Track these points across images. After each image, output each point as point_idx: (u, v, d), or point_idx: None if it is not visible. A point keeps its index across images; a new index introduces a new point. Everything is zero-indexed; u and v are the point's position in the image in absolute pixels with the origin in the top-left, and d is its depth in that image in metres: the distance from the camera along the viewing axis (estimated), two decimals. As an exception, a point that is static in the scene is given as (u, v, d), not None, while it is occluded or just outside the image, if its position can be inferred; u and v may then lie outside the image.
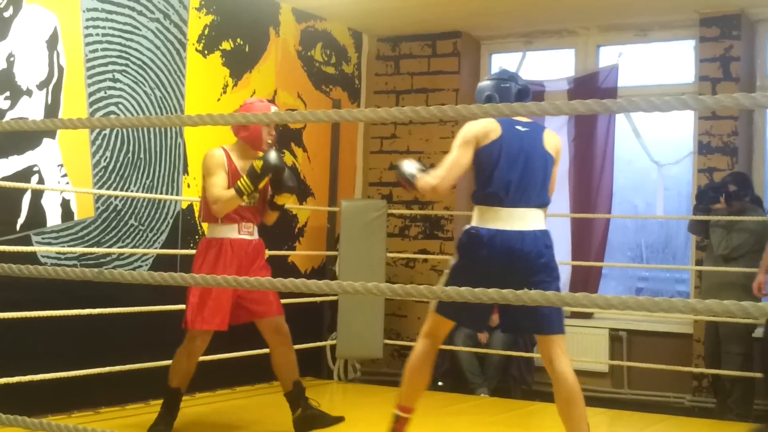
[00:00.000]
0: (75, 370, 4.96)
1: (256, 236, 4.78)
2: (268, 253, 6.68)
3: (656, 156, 7.01)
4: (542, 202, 3.96)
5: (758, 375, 5.73)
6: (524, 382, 6.70)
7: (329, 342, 6.88)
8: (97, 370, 5.07)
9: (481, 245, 3.85)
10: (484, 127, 3.94)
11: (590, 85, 7.12)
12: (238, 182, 4.54)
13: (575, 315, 7.09)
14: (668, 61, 7.10)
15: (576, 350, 6.86)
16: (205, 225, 4.92)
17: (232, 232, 4.67)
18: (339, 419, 4.92)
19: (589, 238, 7.11)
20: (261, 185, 4.57)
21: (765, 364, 5.28)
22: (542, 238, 3.90)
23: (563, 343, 3.95)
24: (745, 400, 5.91)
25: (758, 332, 6.16)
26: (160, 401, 5.53)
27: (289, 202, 4.81)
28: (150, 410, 5.38)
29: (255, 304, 4.70)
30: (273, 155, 4.55)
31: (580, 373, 6.87)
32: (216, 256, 4.62)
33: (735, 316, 1.76)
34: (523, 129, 3.98)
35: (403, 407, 4.00)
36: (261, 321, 4.74)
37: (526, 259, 3.84)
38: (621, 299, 1.92)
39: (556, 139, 4.09)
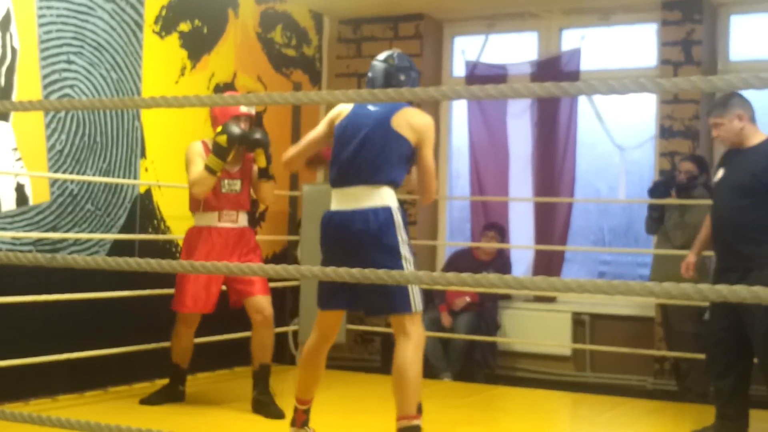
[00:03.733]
0: (32, 357, 4.88)
1: (241, 224, 5.03)
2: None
3: (618, 140, 7.02)
4: (380, 180, 3.91)
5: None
6: (487, 366, 6.71)
7: (291, 327, 6.85)
8: (54, 357, 5.00)
9: (324, 227, 3.99)
10: (339, 109, 4.08)
11: (553, 69, 7.11)
12: (206, 160, 4.81)
13: (538, 299, 7.10)
14: (631, 44, 7.10)
15: (539, 334, 6.88)
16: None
17: (213, 220, 4.96)
18: (279, 415, 4.83)
19: (551, 223, 7.11)
20: (229, 158, 4.82)
21: (707, 347, 5.31)
22: (378, 216, 3.86)
23: (409, 322, 3.87)
24: (702, 381, 5.95)
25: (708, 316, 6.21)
26: (119, 388, 5.49)
27: (262, 157, 4.99)
28: (108, 397, 5.32)
29: (239, 284, 4.93)
30: (233, 127, 4.81)
31: (542, 357, 6.98)
32: (196, 242, 4.94)
33: (692, 299, 1.74)
34: (372, 109, 3.98)
35: (301, 400, 4.22)
36: (246, 300, 4.96)
37: (357, 239, 3.84)
38: (579, 282, 1.90)
39: (414, 117, 3.98)
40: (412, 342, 3.84)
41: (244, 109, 4.97)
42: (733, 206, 4.65)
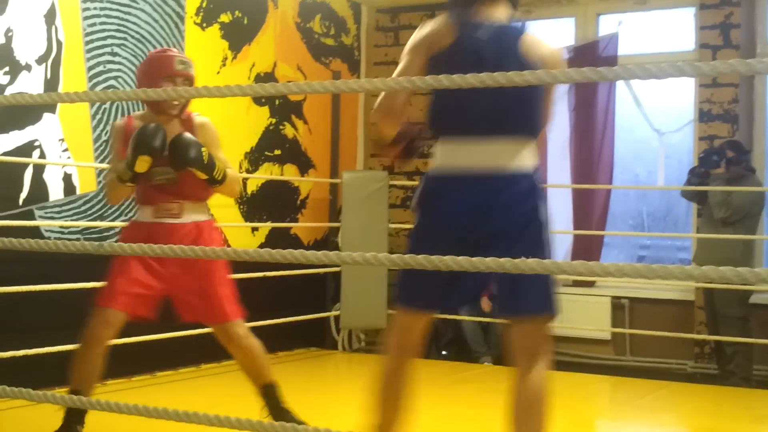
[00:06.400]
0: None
1: (188, 219, 3.80)
2: (270, 225, 6.73)
3: (657, 124, 7.01)
4: (523, 131, 2.86)
5: (760, 341, 5.79)
6: (527, 351, 6.73)
7: (333, 313, 6.92)
8: (101, 343, 5.09)
9: (439, 193, 2.85)
10: (435, 30, 2.91)
11: (590, 54, 7.10)
12: (118, 168, 3.65)
13: (577, 283, 7.12)
14: (668, 29, 7.08)
15: (578, 318, 6.90)
16: None
17: (146, 215, 3.81)
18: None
19: (590, 207, 7.12)
20: (139, 168, 3.55)
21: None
22: (523, 183, 2.84)
23: (548, 331, 2.91)
24: (746, 365, 5.96)
25: (755, 298, 6.21)
26: (166, 372, 5.59)
27: (199, 173, 3.67)
28: (156, 381, 5.43)
29: (196, 305, 3.83)
30: (149, 129, 3.54)
31: (582, 341, 7.01)
32: (125, 239, 3.79)
33: (732, 282, 1.77)
34: (487, 34, 2.86)
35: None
36: (211, 326, 3.94)
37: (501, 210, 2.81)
38: (618, 267, 1.93)
39: (543, 44, 2.94)
40: (546, 364, 2.87)
41: (179, 66, 3.71)
42: None
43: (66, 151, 5.26)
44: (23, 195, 5.04)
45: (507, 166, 2.79)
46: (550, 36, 7.40)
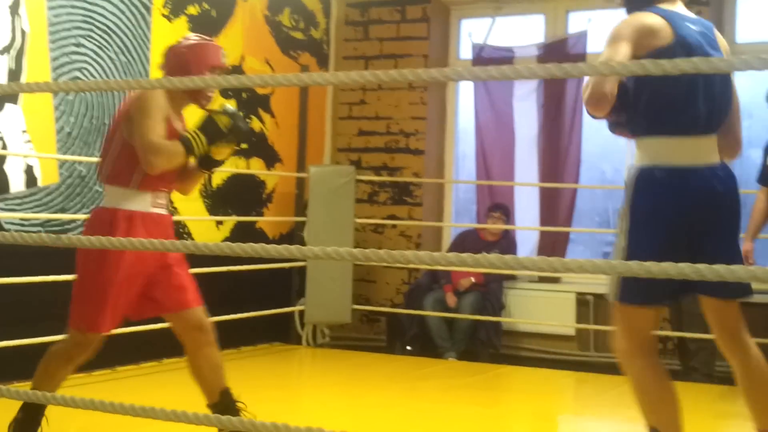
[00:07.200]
0: (52, 336, 4.93)
1: (167, 210, 3.71)
2: (235, 218, 6.71)
3: (624, 122, 7.04)
4: (721, 126, 3.07)
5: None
6: (492, 346, 6.76)
7: (298, 307, 6.90)
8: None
9: (658, 189, 2.97)
10: (649, 26, 2.98)
11: (559, 51, 7.12)
12: (190, 137, 3.47)
13: (543, 279, 7.14)
14: (636, 26, 7.11)
15: (543, 314, 6.93)
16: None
17: (144, 203, 3.56)
18: None
19: (557, 204, 7.15)
20: (216, 150, 3.57)
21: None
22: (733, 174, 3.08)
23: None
24: (709, 361, 6.00)
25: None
26: (127, 367, 5.53)
27: (228, 153, 3.68)
28: (116, 376, 5.38)
29: (169, 291, 3.60)
30: (239, 116, 3.62)
31: (547, 337, 7.03)
32: (126, 233, 3.45)
33: (690, 278, 1.77)
34: (695, 27, 3.07)
35: (653, 428, 3.06)
36: (180, 314, 3.62)
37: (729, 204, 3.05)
38: (579, 263, 1.93)
39: (722, 38, 3.20)
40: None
41: (223, 60, 3.72)
42: None
43: (28, 143, 5.19)
44: (-16, 186, 4.98)
45: (715, 159, 3.01)
46: (519, 32, 7.43)
